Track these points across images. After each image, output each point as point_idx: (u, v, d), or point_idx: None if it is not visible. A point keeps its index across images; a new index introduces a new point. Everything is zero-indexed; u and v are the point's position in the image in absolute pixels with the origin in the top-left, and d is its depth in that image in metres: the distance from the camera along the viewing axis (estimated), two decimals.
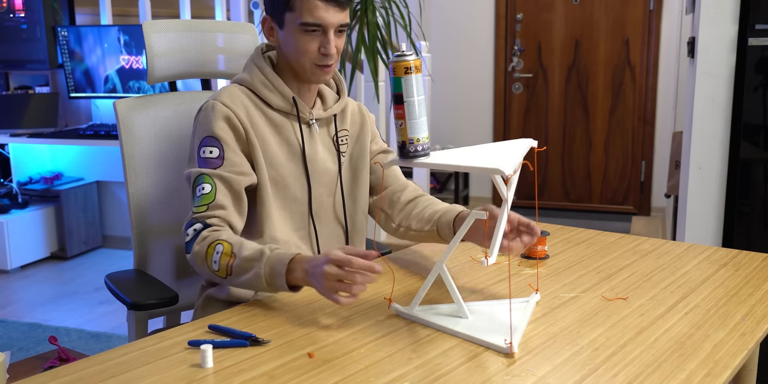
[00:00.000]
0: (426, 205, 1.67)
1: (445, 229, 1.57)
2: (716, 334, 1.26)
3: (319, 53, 1.53)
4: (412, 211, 1.67)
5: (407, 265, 1.65)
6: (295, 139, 1.59)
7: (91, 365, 1.15)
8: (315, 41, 1.52)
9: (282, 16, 1.53)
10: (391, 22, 3.23)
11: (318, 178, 1.62)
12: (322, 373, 1.12)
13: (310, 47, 1.52)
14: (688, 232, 2.55)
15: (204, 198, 1.48)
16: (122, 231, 4.53)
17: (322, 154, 1.63)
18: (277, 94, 1.58)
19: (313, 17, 1.49)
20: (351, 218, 1.69)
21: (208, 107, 1.56)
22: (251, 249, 1.40)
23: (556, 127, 5.30)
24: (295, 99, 1.58)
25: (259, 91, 1.58)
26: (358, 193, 1.70)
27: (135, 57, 4.08)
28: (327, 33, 1.52)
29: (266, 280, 1.36)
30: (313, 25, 1.50)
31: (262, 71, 1.59)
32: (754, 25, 2.36)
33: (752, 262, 1.65)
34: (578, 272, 1.59)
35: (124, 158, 1.74)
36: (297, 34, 1.52)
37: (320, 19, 1.50)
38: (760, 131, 2.43)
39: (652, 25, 4.96)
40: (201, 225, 1.46)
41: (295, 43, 1.53)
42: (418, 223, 1.64)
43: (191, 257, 1.46)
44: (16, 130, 4.22)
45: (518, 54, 5.26)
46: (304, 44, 1.52)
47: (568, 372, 1.12)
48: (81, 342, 3.12)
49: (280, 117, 1.59)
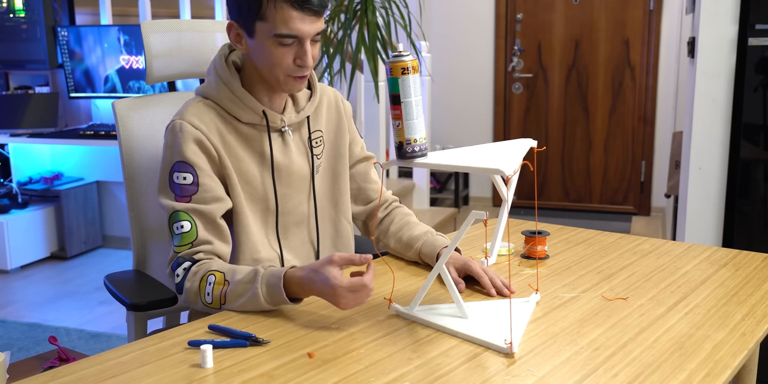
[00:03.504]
0: (402, 224, 1.66)
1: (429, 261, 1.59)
2: (716, 334, 1.26)
3: (295, 65, 1.43)
4: (389, 229, 1.68)
5: (407, 265, 1.65)
6: (268, 150, 1.53)
7: (91, 365, 1.15)
8: (290, 53, 1.42)
9: (252, 24, 1.41)
10: (391, 22, 3.23)
11: (295, 186, 1.58)
12: (322, 373, 1.12)
13: (285, 59, 1.42)
14: (688, 232, 2.55)
15: (185, 237, 1.44)
16: (122, 231, 4.53)
17: (298, 160, 1.58)
18: (247, 110, 1.50)
19: (288, 28, 1.39)
20: (333, 222, 1.67)
21: (175, 128, 1.47)
22: (243, 272, 1.37)
23: (556, 127, 5.31)
24: (264, 112, 1.51)
25: (227, 107, 1.49)
26: (339, 197, 1.66)
27: (135, 57, 4.08)
28: (303, 43, 1.42)
29: (265, 298, 1.33)
30: (289, 37, 1.40)
31: (229, 87, 1.49)
32: (754, 25, 2.36)
33: (752, 262, 1.65)
34: (578, 272, 1.59)
35: (123, 158, 1.74)
36: (270, 45, 1.41)
37: (296, 31, 1.39)
38: (760, 131, 2.43)
39: (652, 25, 4.96)
40: (189, 262, 1.43)
41: (267, 55, 1.42)
42: (396, 243, 1.65)
43: (184, 295, 1.42)
44: (16, 130, 4.22)
45: (518, 54, 5.26)
46: (278, 57, 1.42)
47: (568, 372, 1.12)
48: (81, 342, 3.12)
49: (250, 129, 1.52)
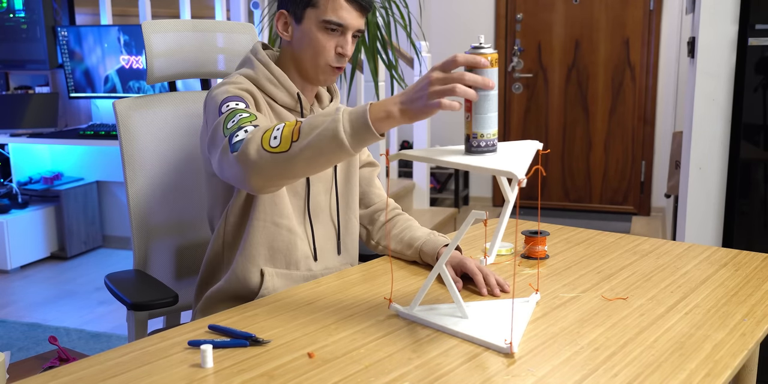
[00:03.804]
0: (404, 227, 1.68)
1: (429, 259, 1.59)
2: (716, 334, 1.26)
3: (336, 53, 1.52)
4: (391, 232, 1.68)
5: (407, 265, 1.65)
6: None
7: (91, 365, 1.15)
8: (333, 40, 1.51)
9: (302, 11, 1.51)
10: (391, 22, 3.23)
11: (320, 175, 1.62)
12: (322, 373, 1.12)
13: (328, 45, 1.51)
14: (688, 232, 2.55)
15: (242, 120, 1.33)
16: (122, 231, 4.53)
17: None
18: (283, 90, 1.56)
19: (337, 16, 1.49)
20: (344, 218, 1.69)
21: (225, 81, 1.51)
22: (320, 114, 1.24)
23: (556, 127, 5.30)
24: (299, 95, 1.57)
25: (264, 86, 1.55)
26: (350, 196, 1.69)
27: (135, 57, 4.08)
28: (346, 34, 1.51)
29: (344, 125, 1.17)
30: (335, 24, 1.49)
31: (267, 67, 1.56)
32: (754, 25, 2.36)
33: (752, 262, 1.65)
34: (578, 272, 1.59)
35: (124, 158, 1.74)
36: (316, 31, 1.50)
37: (343, 20, 1.49)
38: (760, 131, 2.43)
39: (652, 25, 4.96)
40: (252, 126, 1.31)
41: (312, 39, 1.51)
42: (397, 244, 1.66)
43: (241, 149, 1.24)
44: (16, 130, 4.22)
45: (518, 54, 5.26)
46: (322, 42, 1.51)
47: (568, 372, 1.12)
48: (81, 342, 3.12)
49: (285, 112, 1.57)
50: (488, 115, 1.23)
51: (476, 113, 1.23)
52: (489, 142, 1.25)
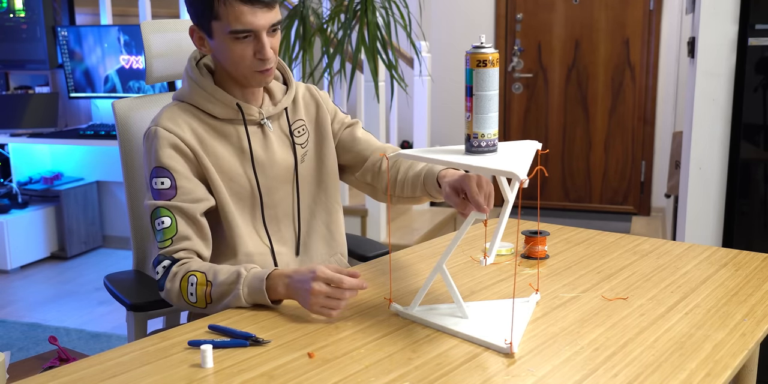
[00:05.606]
0: (406, 169, 1.66)
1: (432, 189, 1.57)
2: (716, 334, 1.26)
3: (256, 59, 1.46)
4: (396, 179, 1.67)
5: (407, 265, 1.65)
6: (246, 144, 1.55)
7: (91, 365, 1.15)
8: (248, 47, 1.45)
9: (209, 24, 1.45)
10: (391, 22, 3.23)
11: (279, 178, 1.59)
12: (322, 373, 1.12)
13: (245, 54, 1.45)
14: (688, 232, 2.55)
15: (166, 232, 1.45)
16: (122, 231, 4.53)
17: (280, 152, 1.59)
18: (220, 105, 1.52)
19: (242, 24, 1.42)
20: (324, 205, 1.68)
21: (150, 134, 1.50)
22: (226, 272, 1.39)
23: (556, 127, 5.30)
24: (239, 105, 1.53)
25: (201, 105, 1.52)
26: (327, 178, 1.67)
27: (135, 57, 4.08)
28: (260, 37, 1.44)
29: (246, 299, 1.37)
30: (243, 32, 1.43)
31: (200, 85, 1.52)
32: (754, 25, 2.36)
33: (752, 262, 1.65)
34: (578, 272, 1.59)
35: (123, 158, 1.74)
36: (228, 42, 1.45)
37: (249, 25, 1.42)
38: (760, 131, 2.43)
39: (652, 25, 4.96)
40: (169, 261, 1.44)
41: (228, 52, 1.46)
42: (402, 189, 1.66)
43: (165, 294, 1.45)
44: (16, 130, 4.22)
45: (518, 54, 5.26)
46: (238, 52, 1.45)
47: (568, 372, 1.12)
48: (81, 342, 3.12)
49: (227, 125, 1.54)
50: (489, 115, 1.24)
51: (477, 113, 1.24)
52: (489, 142, 1.25)
